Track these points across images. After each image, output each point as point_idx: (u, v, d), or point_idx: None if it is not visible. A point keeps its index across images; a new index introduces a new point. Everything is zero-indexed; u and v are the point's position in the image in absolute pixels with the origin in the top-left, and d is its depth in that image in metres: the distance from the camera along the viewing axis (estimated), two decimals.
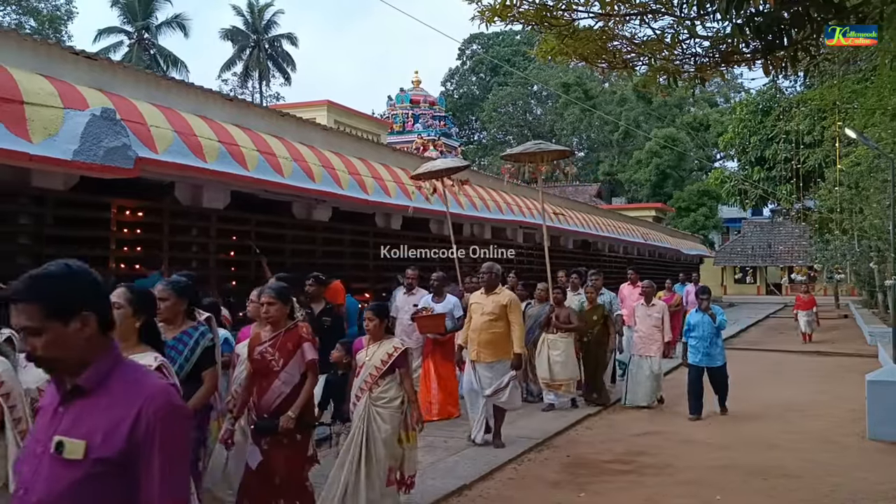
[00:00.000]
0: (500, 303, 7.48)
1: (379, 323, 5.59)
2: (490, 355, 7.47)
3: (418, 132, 28.49)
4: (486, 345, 7.47)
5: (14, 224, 7.19)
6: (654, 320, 10.14)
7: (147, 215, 8.63)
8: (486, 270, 7.66)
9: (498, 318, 7.44)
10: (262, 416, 4.81)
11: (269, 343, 4.84)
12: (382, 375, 5.46)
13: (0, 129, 6.22)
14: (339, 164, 11.15)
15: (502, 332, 7.44)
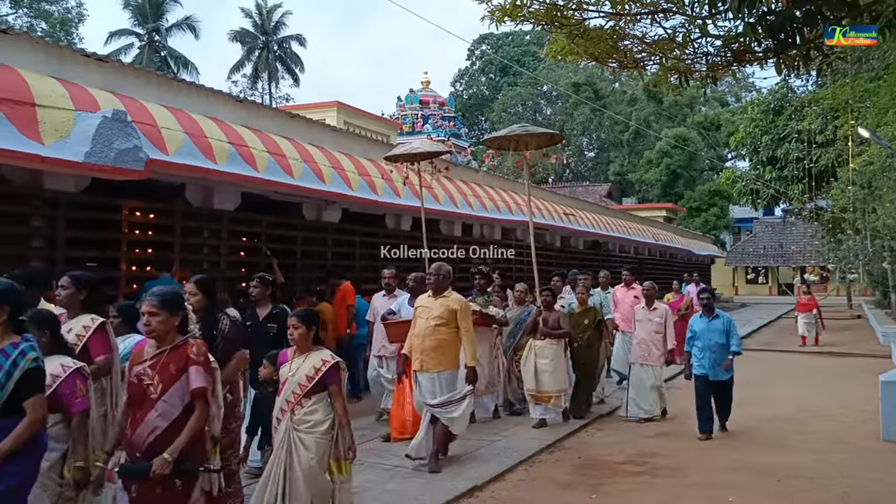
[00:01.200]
0: (450, 307, 6.68)
1: (305, 332, 4.77)
2: (435, 364, 6.64)
3: (428, 133, 28.51)
4: (431, 352, 6.63)
5: (27, 226, 7.23)
6: (655, 325, 9.23)
7: (158, 217, 8.66)
8: (433, 271, 6.86)
9: (446, 324, 6.65)
10: (133, 456, 3.78)
11: (148, 363, 3.85)
12: (307, 394, 4.67)
13: (12, 131, 6.25)
14: (349, 165, 11.16)
15: (450, 339, 6.69)
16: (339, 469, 4.73)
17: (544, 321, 8.68)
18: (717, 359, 8.15)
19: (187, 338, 3.93)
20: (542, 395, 8.58)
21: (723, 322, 8.30)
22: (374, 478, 6.41)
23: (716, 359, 8.15)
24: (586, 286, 10.10)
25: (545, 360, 8.54)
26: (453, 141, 28.28)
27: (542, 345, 8.61)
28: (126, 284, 8.06)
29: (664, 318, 9.29)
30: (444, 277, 6.81)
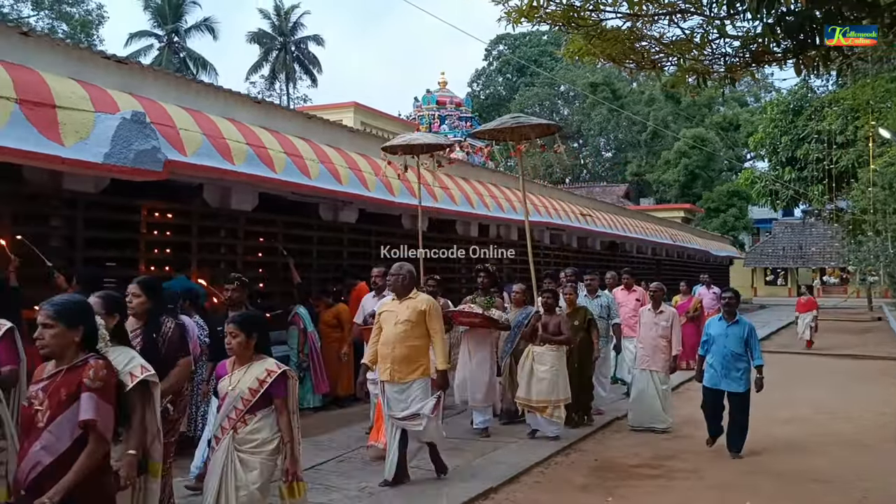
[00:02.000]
0: (418, 308, 6.08)
1: (244, 340, 4.19)
2: (407, 373, 6.03)
3: (444, 133, 28.48)
4: (403, 361, 6.02)
5: (47, 226, 7.31)
6: (661, 329, 8.55)
7: (176, 217, 8.73)
8: (394, 272, 6.19)
9: (416, 328, 6.05)
10: (17, 494, 3.25)
11: (42, 385, 3.27)
12: (251, 409, 4.12)
13: (33, 132, 6.32)
14: (366, 165, 11.19)
15: (421, 345, 6.09)
16: (291, 492, 4.20)
17: (544, 326, 7.99)
18: (730, 368, 7.34)
19: (87, 357, 3.29)
20: (537, 404, 7.87)
21: (743, 329, 7.39)
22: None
23: (729, 368, 7.34)
24: (592, 287, 9.71)
25: (544, 368, 7.87)
26: (470, 141, 28.23)
27: (541, 351, 7.93)
28: None
29: (671, 322, 8.61)
30: (405, 278, 6.16)
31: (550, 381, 7.83)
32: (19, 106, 6.29)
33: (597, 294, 9.69)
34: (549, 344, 7.92)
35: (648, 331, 8.65)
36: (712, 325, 7.66)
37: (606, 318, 9.55)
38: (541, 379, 7.84)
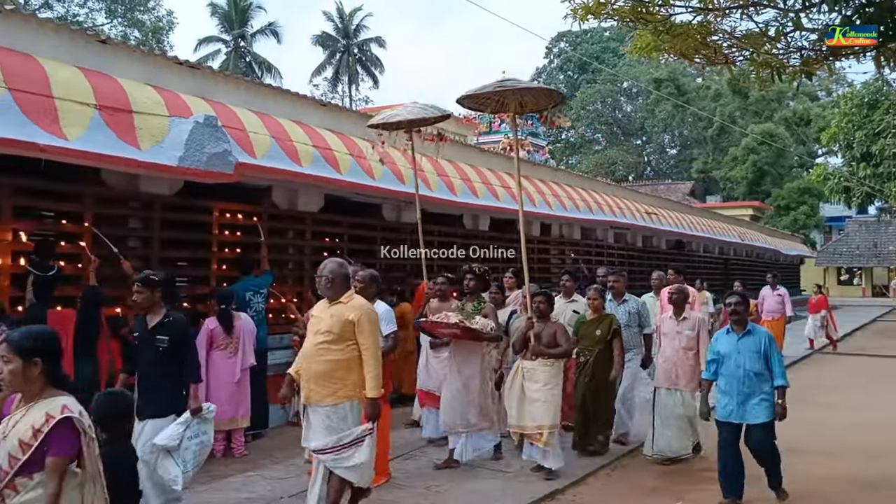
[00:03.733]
0: (344, 317, 4.93)
1: (21, 367, 2.98)
2: (326, 394, 4.92)
3: (505, 132, 28.40)
4: (320, 379, 4.92)
5: (125, 228, 7.58)
6: (685, 339, 7.20)
7: (246, 218, 8.93)
8: (319, 272, 5.15)
9: (338, 340, 4.93)
10: None
11: None
12: (23, 469, 2.91)
13: (112, 137, 6.56)
14: (428, 166, 11.24)
15: (344, 361, 4.94)
16: None
17: (537, 336, 6.61)
18: (748, 393, 5.81)
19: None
20: (530, 430, 6.55)
21: (759, 340, 5.90)
22: (452, 478, 6.43)
23: (747, 393, 5.81)
24: (617, 290, 8.08)
25: (536, 386, 6.54)
26: (531, 140, 28.08)
27: (532, 366, 6.59)
28: (217, 284, 8.34)
29: (697, 330, 7.26)
30: (328, 280, 5.03)
31: (545, 403, 6.48)
32: (99, 112, 6.53)
33: (624, 298, 8.01)
34: (543, 358, 6.59)
35: (670, 342, 7.32)
36: (720, 340, 6.10)
37: (637, 326, 7.94)
38: (533, 400, 6.51)
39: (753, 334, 5.97)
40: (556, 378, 6.66)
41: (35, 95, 6.09)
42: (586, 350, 7.33)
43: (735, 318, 6.00)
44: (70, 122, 6.25)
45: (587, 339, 7.36)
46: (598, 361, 7.25)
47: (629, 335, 7.74)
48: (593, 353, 7.28)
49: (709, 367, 6.13)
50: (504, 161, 14.63)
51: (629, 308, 7.97)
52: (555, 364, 6.66)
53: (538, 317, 6.74)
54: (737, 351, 5.91)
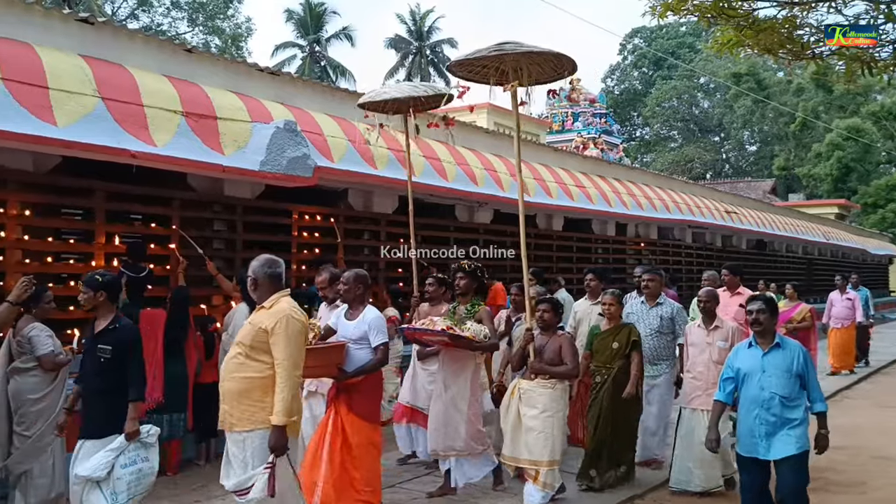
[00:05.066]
0: (259, 326, 4.11)
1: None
2: (238, 418, 4.09)
3: (578, 131, 28.14)
4: (234, 399, 4.11)
5: (210, 230, 7.84)
6: (716, 352, 6.05)
7: (323, 220, 9.12)
8: (245, 271, 4.53)
9: (254, 353, 4.09)
10: None
11: None
12: None
13: (197, 143, 6.81)
14: (501, 166, 11.25)
15: (261, 379, 4.08)
16: None
17: (538, 351, 5.57)
18: (774, 422, 4.57)
19: None
20: (524, 465, 5.45)
21: (792, 357, 4.68)
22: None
23: (772, 422, 4.57)
24: (652, 292, 6.86)
25: (533, 412, 5.39)
26: (605, 138, 27.73)
27: (530, 387, 5.47)
28: (296, 284, 8.55)
29: (730, 342, 6.02)
30: (258, 278, 4.26)
31: (542, 434, 5.36)
32: (185, 119, 6.79)
33: (658, 301, 6.86)
34: (543, 377, 5.49)
35: (699, 354, 6.18)
36: (739, 354, 4.91)
37: (671, 334, 6.77)
38: (529, 429, 5.38)
39: (783, 349, 4.73)
40: (557, 403, 5.47)
41: (126, 104, 6.38)
42: (602, 368, 6.10)
43: (757, 328, 4.78)
44: (158, 128, 6.51)
45: (603, 355, 6.13)
46: (616, 382, 6.01)
47: (661, 344, 6.71)
48: (611, 372, 6.04)
49: (722, 386, 4.88)
50: (578, 160, 14.53)
51: (662, 312, 6.76)
52: (557, 386, 5.48)
53: (541, 327, 5.65)
54: (761, 369, 4.68)
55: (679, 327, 6.73)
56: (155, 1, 34.96)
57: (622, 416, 6.08)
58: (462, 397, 5.69)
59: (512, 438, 5.50)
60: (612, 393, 6.01)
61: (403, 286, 10.38)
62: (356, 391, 5.04)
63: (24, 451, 5.41)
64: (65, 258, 7.18)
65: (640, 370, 6.08)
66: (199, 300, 7.49)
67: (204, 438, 6.84)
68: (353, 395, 5.03)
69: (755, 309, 4.78)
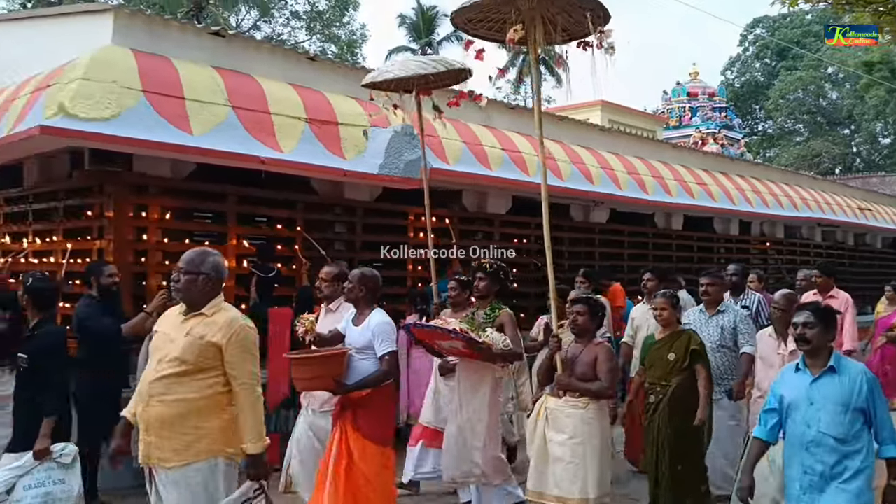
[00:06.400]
0: (203, 339, 3.38)
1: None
2: (174, 451, 3.34)
3: (696, 126, 27.23)
4: (164, 428, 3.35)
5: (331, 232, 8.11)
6: None
7: (439, 221, 9.24)
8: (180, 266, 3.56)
9: (194, 372, 3.36)
10: None
11: None
12: None
13: (320, 148, 7.07)
14: (617, 164, 11.05)
15: (201, 401, 3.37)
16: None
17: (569, 362, 4.67)
18: (822, 472, 3.56)
19: None
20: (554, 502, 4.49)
21: (849, 383, 3.61)
22: None
23: (820, 471, 3.56)
24: (714, 297, 5.89)
25: (560, 437, 4.49)
26: (725, 133, 26.71)
27: (559, 407, 4.57)
28: (412, 284, 8.71)
29: None
30: (201, 277, 3.48)
31: (572, 464, 4.43)
32: (308, 125, 7.06)
33: (719, 309, 5.89)
34: (572, 394, 4.57)
35: (769, 370, 5.26)
36: (785, 380, 3.86)
37: (735, 347, 5.78)
38: (556, 458, 4.48)
39: (840, 374, 3.62)
40: (591, 427, 4.47)
41: (255, 112, 6.70)
42: (657, 385, 5.15)
43: (804, 346, 3.70)
44: (284, 135, 6.80)
45: (658, 369, 5.16)
46: (674, 401, 5.01)
47: (724, 360, 5.71)
48: (667, 390, 5.05)
49: (763, 420, 3.83)
50: (698, 156, 14.06)
51: (723, 322, 5.76)
52: (590, 406, 4.50)
53: (575, 334, 4.76)
54: (807, 401, 3.62)
55: (744, 338, 5.74)
56: (276, 12, 36.45)
57: (684, 444, 5.01)
58: (479, 417, 4.80)
59: (537, 468, 4.56)
60: (668, 416, 5.00)
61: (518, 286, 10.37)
62: (362, 408, 4.39)
63: None
64: None
65: (708, 388, 5.07)
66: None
67: None
68: (358, 411, 4.39)
69: (801, 322, 3.74)
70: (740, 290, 6.94)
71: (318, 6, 37.19)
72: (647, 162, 11.86)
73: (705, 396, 5.01)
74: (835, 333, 3.79)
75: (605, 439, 4.51)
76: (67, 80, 5.77)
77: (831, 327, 3.74)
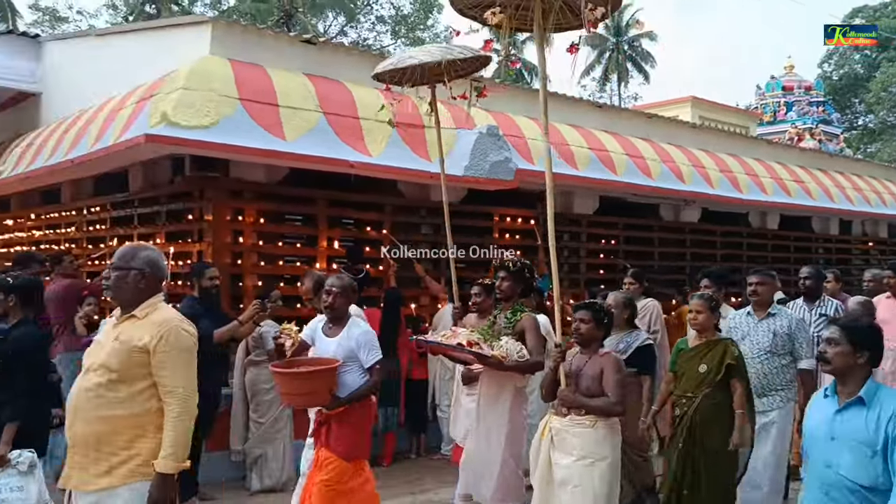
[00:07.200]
0: (133, 343, 2.96)
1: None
2: (96, 472, 2.93)
3: (792, 121, 26.17)
4: (90, 446, 2.94)
5: (417, 233, 8.20)
6: None
7: (524, 223, 9.21)
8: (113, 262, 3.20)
9: (122, 381, 2.95)
10: None
11: None
12: None
13: (407, 151, 7.17)
14: (709, 161, 10.75)
15: (131, 418, 2.95)
16: None
17: (574, 375, 4.13)
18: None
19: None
20: None
21: (880, 419, 2.88)
22: None
23: None
24: (761, 298, 5.18)
25: (567, 459, 3.98)
26: (822, 128, 25.57)
27: (564, 426, 4.05)
28: None
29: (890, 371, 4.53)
30: (133, 273, 3.07)
31: (579, 488, 3.92)
32: (395, 130, 7.15)
33: (769, 312, 5.17)
34: (578, 412, 4.03)
35: None
36: (813, 404, 3.25)
37: (787, 355, 5.11)
38: (562, 483, 3.97)
39: (870, 407, 2.92)
40: (601, 447, 3.95)
41: (344, 117, 6.85)
42: (683, 398, 4.62)
43: (827, 368, 3.12)
44: (372, 139, 6.93)
45: (687, 380, 4.63)
46: (704, 416, 4.48)
47: (774, 369, 5.00)
48: (692, 404, 4.53)
49: (806, 448, 3.23)
50: (795, 153, 13.53)
51: (776, 326, 5.04)
52: (599, 424, 3.97)
53: (579, 343, 4.22)
54: (828, 435, 3.00)
55: (801, 346, 5.04)
56: (361, 16, 37.12)
57: (710, 468, 4.44)
58: (498, 431, 4.44)
59: (541, 493, 4.08)
60: (700, 432, 4.48)
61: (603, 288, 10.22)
62: (341, 422, 4.10)
63: (260, 437, 5.99)
64: (290, 261, 7.82)
65: (745, 407, 4.47)
66: (409, 300, 7.85)
67: (415, 432, 7.22)
68: (332, 426, 4.10)
69: (825, 337, 3.10)
70: (816, 295, 6.18)
71: (402, 10, 37.62)
72: (740, 159, 11.49)
73: (742, 416, 4.42)
74: (869, 355, 3.06)
75: (615, 462, 4.01)
76: (169, 89, 6.05)
77: (863, 347, 3.02)
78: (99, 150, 6.64)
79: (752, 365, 4.88)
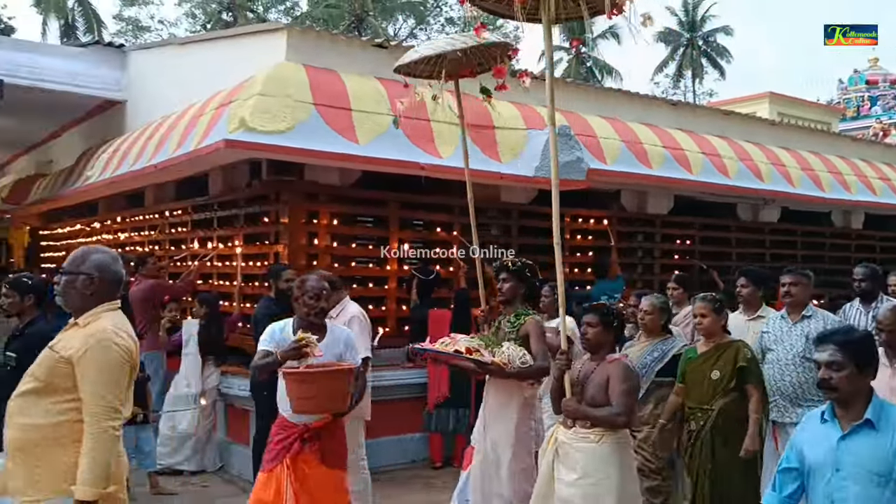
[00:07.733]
0: (59, 354, 2.76)
1: None
2: (22, 484, 2.74)
3: (877, 116, 25.10)
4: (15, 454, 2.78)
5: (487, 235, 8.20)
6: None
7: (596, 223, 9.10)
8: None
9: (46, 392, 2.75)
10: None
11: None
12: None
13: (477, 153, 7.16)
14: (789, 159, 10.40)
15: (51, 428, 2.75)
16: None
17: (580, 383, 3.80)
18: None
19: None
20: None
21: (889, 443, 2.57)
22: None
23: None
24: (795, 300, 4.79)
25: (571, 476, 3.63)
26: None
27: (569, 440, 3.71)
28: (569, 287, 8.63)
29: None
30: (81, 278, 2.87)
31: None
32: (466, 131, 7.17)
33: (804, 314, 4.80)
34: (583, 424, 3.71)
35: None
36: (807, 431, 2.83)
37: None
38: (563, 501, 3.64)
39: (880, 429, 2.59)
40: (608, 465, 3.60)
41: (415, 120, 6.89)
42: (697, 410, 4.32)
43: (829, 394, 2.71)
44: (443, 141, 6.96)
45: (699, 390, 4.35)
46: (717, 431, 4.21)
47: (807, 375, 4.49)
48: (708, 416, 4.24)
49: (779, 482, 2.83)
50: (880, 149, 12.97)
51: (809, 330, 4.60)
52: (605, 438, 3.63)
53: (587, 349, 3.93)
54: (832, 465, 2.64)
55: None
56: (431, 19, 37.37)
57: (733, 482, 4.15)
58: (504, 443, 4.14)
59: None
60: (712, 447, 4.19)
61: None
62: (330, 429, 3.91)
63: None
64: (362, 262, 7.92)
65: (760, 412, 4.17)
66: (479, 302, 7.84)
67: None
68: (325, 441, 3.89)
69: (823, 361, 2.68)
70: (872, 297, 5.59)
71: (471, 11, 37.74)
72: (821, 156, 11.08)
73: (755, 422, 4.14)
74: (873, 374, 2.68)
75: (624, 480, 3.61)
76: (247, 96, 6.23)
77: (867, 365, 2.67)
78: (181, 156, 6.89)
79: (786, 372, 4.62)
